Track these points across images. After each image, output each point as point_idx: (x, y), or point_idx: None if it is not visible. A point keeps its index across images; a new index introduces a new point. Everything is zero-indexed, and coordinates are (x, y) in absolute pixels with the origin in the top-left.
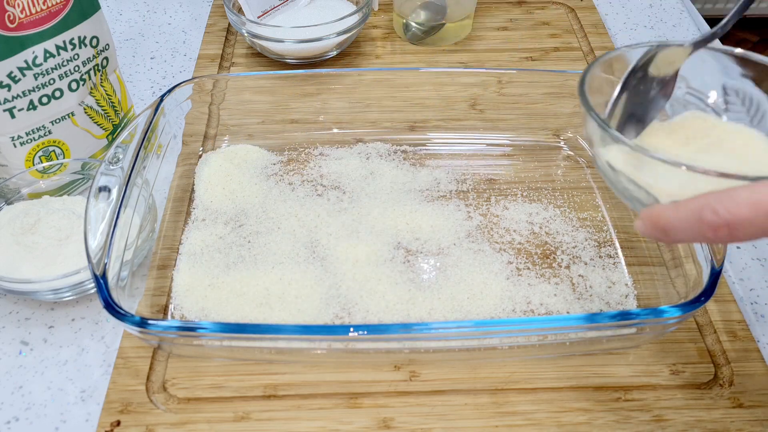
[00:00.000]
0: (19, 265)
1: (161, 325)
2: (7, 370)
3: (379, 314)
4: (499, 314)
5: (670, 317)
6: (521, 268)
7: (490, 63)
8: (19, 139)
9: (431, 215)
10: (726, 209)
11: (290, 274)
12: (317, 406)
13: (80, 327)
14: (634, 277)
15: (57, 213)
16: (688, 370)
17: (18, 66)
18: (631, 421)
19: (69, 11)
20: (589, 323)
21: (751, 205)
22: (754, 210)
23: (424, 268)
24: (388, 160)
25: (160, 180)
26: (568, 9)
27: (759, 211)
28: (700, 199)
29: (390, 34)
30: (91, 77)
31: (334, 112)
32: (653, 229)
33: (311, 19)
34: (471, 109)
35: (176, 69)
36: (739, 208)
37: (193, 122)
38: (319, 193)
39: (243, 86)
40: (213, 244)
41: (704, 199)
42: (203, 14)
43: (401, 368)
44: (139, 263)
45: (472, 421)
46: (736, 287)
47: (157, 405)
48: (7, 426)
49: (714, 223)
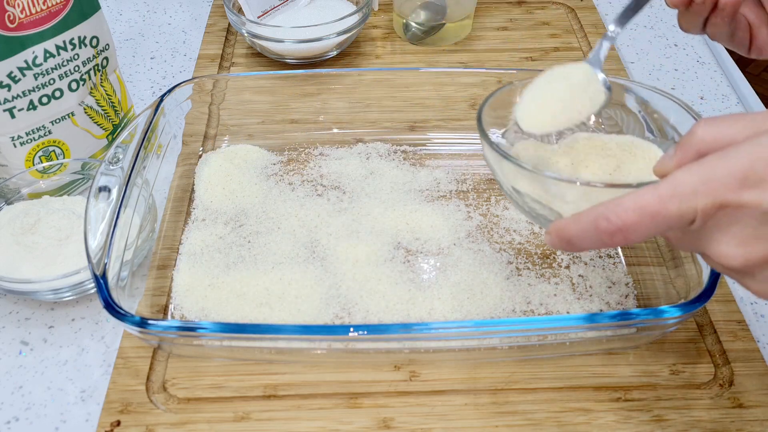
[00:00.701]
0: (19, 265)
1: (161, 325)
2: (7, 370)
3: (379, 314)
4: (499, 314)
5: (670, 317)
6: (521, 268)
7: (490, 63)
8: (19, 139)
9: (431, 215)
10: (616, 216)
11: (290, 274)
12: (317, 406)
13: (80, 327)
14: (634, 277)
15: (57, 213)
16: (688, 370)
17: (18, 66)
18: (631, 421)
19: (69, 11)
20: (589, 323)
21: (636, 210)
22: (640, 213)
23: (424, 268)
24: (388, 160)
25: (160, 180)
26: (568, 9)
27: (644, 214)
28: (594, 210)
29: (390, 34)
30: (91, 77)
31: (334, 112)
32: (560, 241)
33: (311, 19)
34: (471, 109)
35: (176, 69)
36: (627, 213)
37: (193, 122)
38: (319, 193)
39: (243, 86)
40: (213, 244)
41: (597, 210)
42: (203, 14)
43: (401, 368)
44: (139, 263)
45: (472, 421)
46: (736, 287)
47: (157, 405)
48: (7, 426)
49: (608, 229)
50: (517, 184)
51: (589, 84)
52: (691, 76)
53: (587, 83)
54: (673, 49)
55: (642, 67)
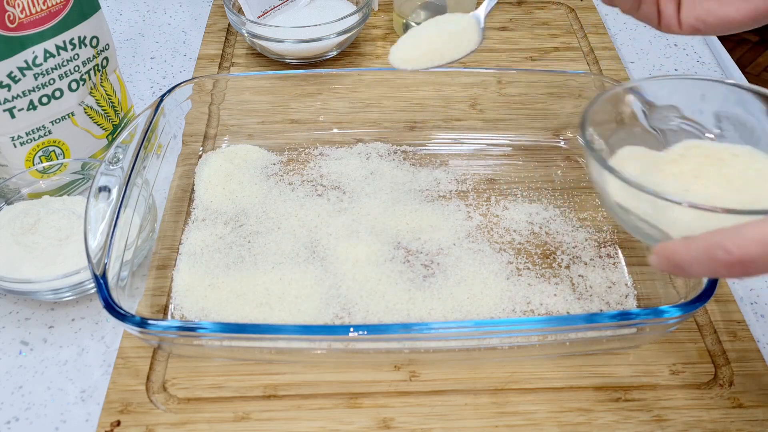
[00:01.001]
0: (19, 265)
1: (161, 325)
2: (7, 370)
3: (379, 314)
4: (499, 314)
5: (670, 317)
6: (521, 268)
7: (490, 63)
8: (19, 139)
9: (431, 215)
10: (737, 247)
11: (290, 274)
12: (317, 406)
13: (80, 327)
14: (634, 277)
15: (57, 213)
16: (688, 370)
17: (18, 66)
18: (631, 421)
19: (69, 11)
20: (589, 323)
21: (759, 242)
22: (764, 246)
23: (424, 268)
24: (388, 160)
25: (160, 180)
26: (568, 9)
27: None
28: (710, 237)
29: (390, 34)
30: (91, 77)
31: (334, 112)
32: (668, 265)
33: (311, 19)
34: (471, 109)
35: (176, 69)
36: (749, 245)
37: (193, 122)
38: (319, 193)
39: (243, 86)
40: (213, 244)
41: (714, 238)
42: (203, 14)
43: (401, 368)
44: (139, 263)
45: (472, 421)
46: (736, 287)
47: (157, 405)
48: (7, 426)
49: (726, 261)
50: (622, 201)
51: (464, 31)
52: None
53: (463, 30)
54: (673, 49)
55: (642, 67)
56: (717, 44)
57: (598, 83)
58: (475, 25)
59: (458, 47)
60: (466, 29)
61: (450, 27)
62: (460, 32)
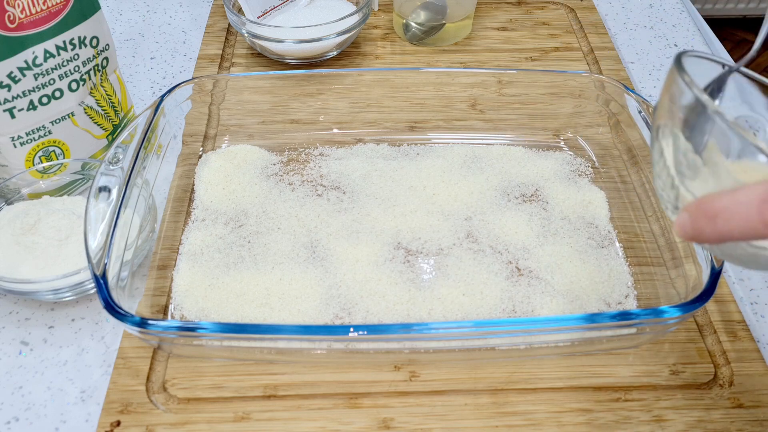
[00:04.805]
0: (19, 265)
1: (161, 326)
2: (7, 370)
3: (379, 314)
4: (499, 314)
5: (670, 317)
6: (521, 268)
7: (490, 63)
8: (19, 139)
9: (431, 215)
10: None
11: (290, 274)
12: (317, 406)
13: (80, 327)
14: (634, 277)
15: (57, 213)
16: (688, 370)
17: (18, 66)
18: (631, 421)
19: (69, 11)
20: (589, 323)
21: None
22: None
23: (424, 268)
24: (388, 160)
25: (160, 180)
26: (568, 9)
27: None
28: (765, 184)
29: (390, 34)
30: (91, 77)
31: (334, 112)
32: (699, 215)
33: (311, 19)
34: (471, 109)
35: (176, 69)
36: None
37: (193, 122)
38: (319, 194)
39: (243, 86)
40: (213, 244)
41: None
42: (203, 14)
43: (401, 368)
44: (139, 263)
45: (472, 422)
46: (736, 287)
47: (157, 405)
48: (7, 426)
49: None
50: None
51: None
52: None
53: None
54: (673, 49)
55: (642, 67)
56: (717, 44)
57: (597, 83)
58: None
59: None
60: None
61: None
62: None
